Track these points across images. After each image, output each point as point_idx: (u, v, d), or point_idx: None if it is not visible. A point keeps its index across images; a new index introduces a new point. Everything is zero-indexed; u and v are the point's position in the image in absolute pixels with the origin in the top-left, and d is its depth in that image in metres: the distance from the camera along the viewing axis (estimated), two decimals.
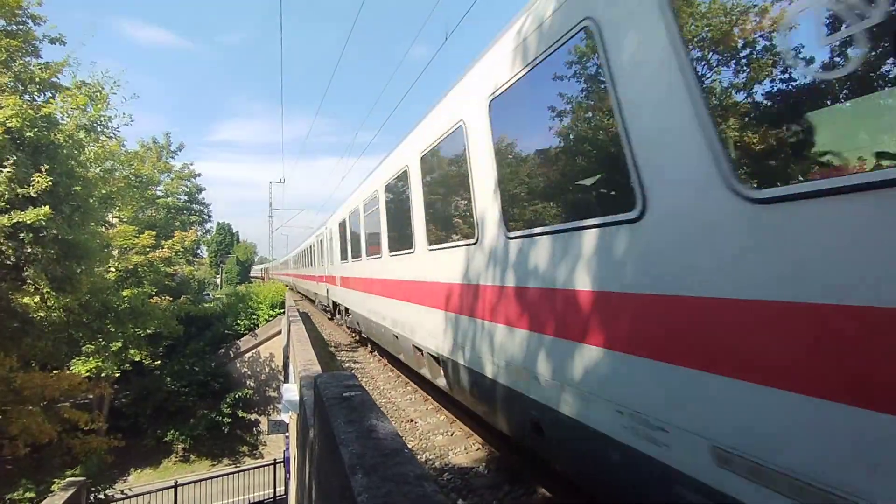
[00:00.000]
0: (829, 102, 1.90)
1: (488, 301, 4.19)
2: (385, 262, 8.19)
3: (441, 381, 5.78)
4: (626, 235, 2.60)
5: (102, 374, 18.51)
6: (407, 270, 6.83)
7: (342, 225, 12.71)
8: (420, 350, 6.44)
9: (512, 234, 3.77)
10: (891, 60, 1.68)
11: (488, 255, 4.16)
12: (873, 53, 1.70)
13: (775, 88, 2.04)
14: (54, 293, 12.95)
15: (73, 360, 18.14)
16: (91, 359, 18.12)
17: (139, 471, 24.29)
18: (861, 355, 1.61)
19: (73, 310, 14.44)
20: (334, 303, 16.42)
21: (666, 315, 2.37)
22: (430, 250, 5.76)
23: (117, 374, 19.77)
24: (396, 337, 7.63)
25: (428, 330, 5.95)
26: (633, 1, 2.47)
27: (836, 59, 1.79)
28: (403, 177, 6.71)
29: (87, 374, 17.97)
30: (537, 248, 3.45)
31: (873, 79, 1.75)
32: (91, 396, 21.83)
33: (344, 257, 12.86)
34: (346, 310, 13.65)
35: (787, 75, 1.97)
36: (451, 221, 5.33)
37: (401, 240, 7.11)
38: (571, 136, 3.26)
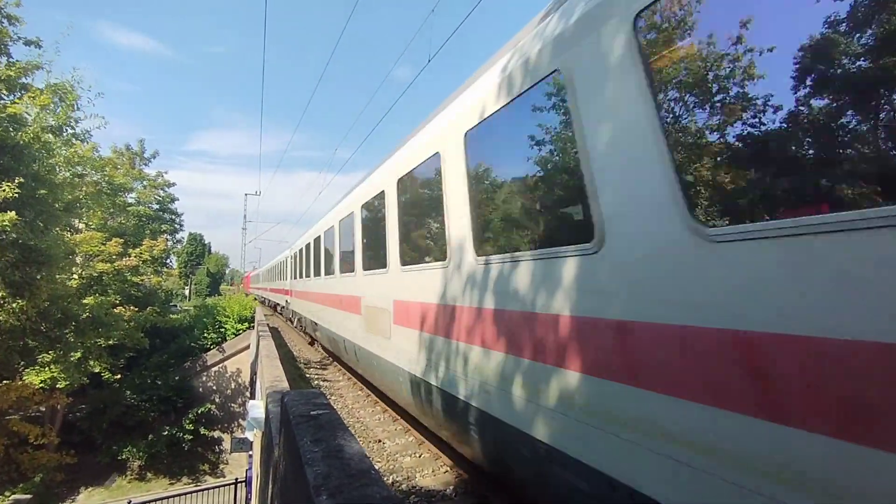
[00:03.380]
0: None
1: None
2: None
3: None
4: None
5: (58, 386, 17.67)
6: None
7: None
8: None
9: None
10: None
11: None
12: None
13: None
14: (10, 298, 12.42)
15: (27, 370, 17.31)
16: (46, 369, 17.30)
17: (90, 489, 23.09)
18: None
19: (30, 317, 13.84)
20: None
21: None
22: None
23: (74, 387, 18.93)
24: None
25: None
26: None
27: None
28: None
29: (41, 384, 17.15)
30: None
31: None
32: (43, 409, 20.83)
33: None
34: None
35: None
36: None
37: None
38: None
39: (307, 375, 12.47)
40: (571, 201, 3.10)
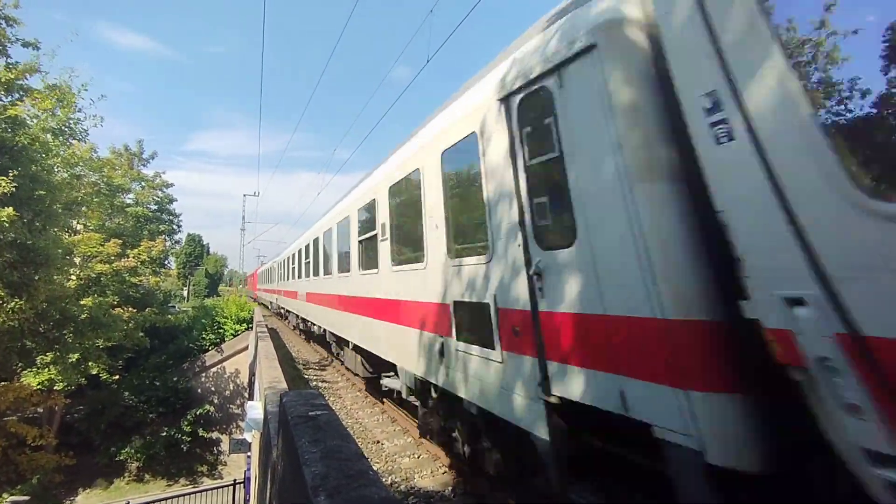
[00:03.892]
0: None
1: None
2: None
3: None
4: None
5: (56, 387, 17.62)
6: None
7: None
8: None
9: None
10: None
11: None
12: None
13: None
14: (8, 299, 12.37)
15: (25, 372, 17.25)
16: (45, 370, 17.25)
17: (88, 490, 23.04)
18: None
19: (28, 317, 13.79)
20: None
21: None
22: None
23: (72, 388, 18.87)
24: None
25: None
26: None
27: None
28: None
29: (39, 386, 17.10)
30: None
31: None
32: (41, 410, 20.75)
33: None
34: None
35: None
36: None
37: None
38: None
39: (306, 376, 12.47)
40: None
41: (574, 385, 3.02)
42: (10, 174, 11.19)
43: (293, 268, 18.15)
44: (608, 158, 2.73)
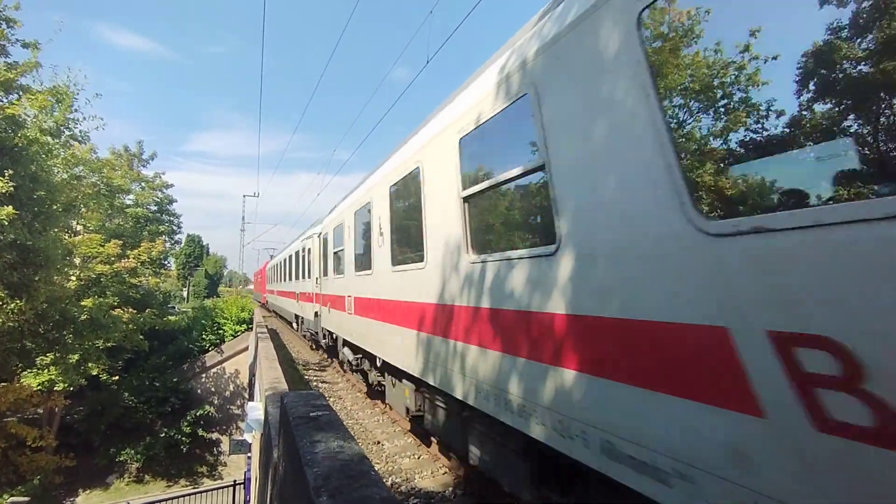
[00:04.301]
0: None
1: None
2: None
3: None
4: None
5: (56, 388, 17.61)
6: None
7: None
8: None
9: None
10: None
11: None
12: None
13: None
14: (8, 300, 12.38)
15: (25, 373, 17.25)
16: (45, 371, 17.25)
17: (88, 491, 23.02)
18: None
19: (28, 318, 13.80)
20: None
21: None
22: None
23: (72, 389, 18.85)
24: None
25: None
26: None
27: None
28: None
29: (39, 387, 17.10)
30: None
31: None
32: (41, 411, 20.75)
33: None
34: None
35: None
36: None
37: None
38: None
39: (306, 377, 12.47)
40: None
41: None
42: (7, 173, 11.16)
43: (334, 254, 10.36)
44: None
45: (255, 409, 7.36)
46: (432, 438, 7.00)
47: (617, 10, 2.46)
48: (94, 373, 18.94)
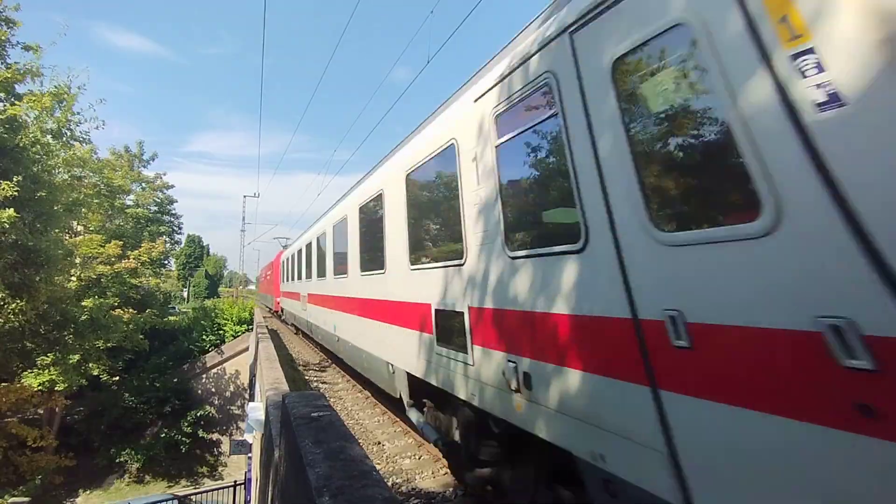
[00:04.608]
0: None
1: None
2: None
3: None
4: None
5: (56, 388, 17.61)
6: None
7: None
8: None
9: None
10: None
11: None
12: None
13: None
14: (9, 300, 12.38)
15: (26, 373, 17.25)
16: (45, 371, 17.25)
17: (88, 492, 23.03)
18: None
19: (28, 319, 13.79)
20: None
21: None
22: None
23: (73, 389, 18.86)
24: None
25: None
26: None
27: None
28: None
29: (40, 387, 17.10)
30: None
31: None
32: (41, 411, 20.76)
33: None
34: None
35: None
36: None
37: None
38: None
39: (306, 377, 12.47)
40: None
41: None
42: (14, 178, 11.20)
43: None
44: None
45: (256, 410, 7.37)
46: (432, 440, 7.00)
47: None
48: (95, 373, 18.97)
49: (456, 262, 4.31)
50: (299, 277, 16.14)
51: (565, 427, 2.91)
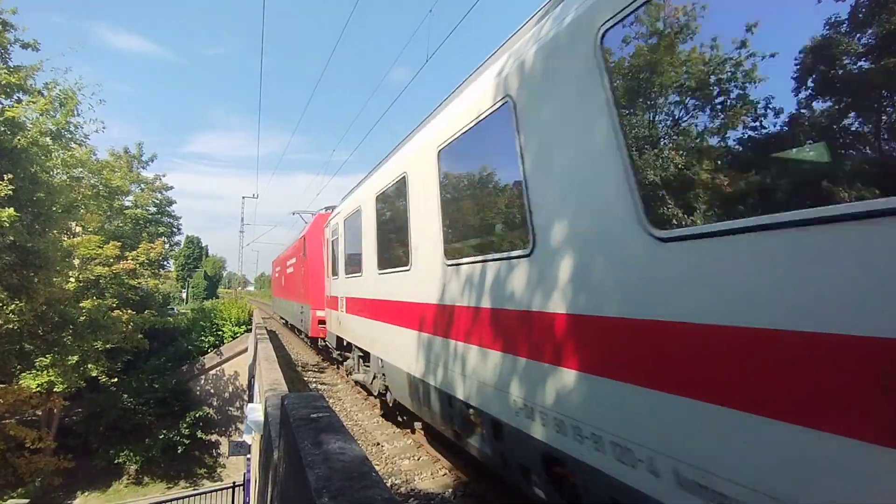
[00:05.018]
0: None
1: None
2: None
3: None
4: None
5: (55, 389, 17.57)
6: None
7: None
8: None
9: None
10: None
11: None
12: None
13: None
14: (7, 301, 12.36)
15: (24, 374, 17.21)
16: (44, 373, 17.21)
17: (87, 493, 22.97)
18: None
19: (27, 320, 13.77)
20: None
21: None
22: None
23: (71, 391, 18.81)
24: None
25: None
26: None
27: None
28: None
29: (38, 388, 17.05)
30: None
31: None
32: (39, 413, 20.70)
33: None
34: None
35: None
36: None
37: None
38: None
39: (305, 378, 12.47)
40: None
41: None
42: (6, 177, 11.15)
43: None
44: None
45: (255, 411, 7.36)
46: (432, 440, 7.00)
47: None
48: (93, 374, 18.92)
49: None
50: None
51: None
